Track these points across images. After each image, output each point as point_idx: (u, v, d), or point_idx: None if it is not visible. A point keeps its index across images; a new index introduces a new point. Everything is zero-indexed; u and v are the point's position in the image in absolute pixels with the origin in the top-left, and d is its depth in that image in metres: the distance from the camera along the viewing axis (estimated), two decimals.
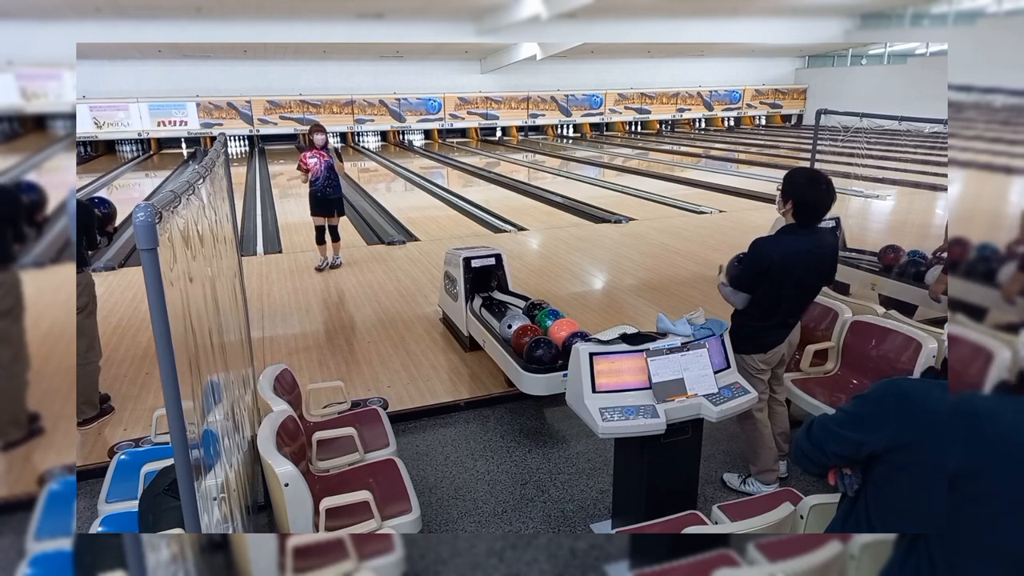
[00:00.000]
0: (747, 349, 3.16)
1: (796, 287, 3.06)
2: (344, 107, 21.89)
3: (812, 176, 3.01)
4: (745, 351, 3.16)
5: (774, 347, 3.19)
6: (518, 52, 20.20)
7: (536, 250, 8.30)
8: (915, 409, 1.44)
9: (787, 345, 3.26)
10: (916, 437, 1.43)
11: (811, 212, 2.99)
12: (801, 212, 2.99)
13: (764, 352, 3.18)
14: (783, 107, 26.92)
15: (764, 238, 3.11)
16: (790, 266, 2.98)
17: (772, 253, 2.99)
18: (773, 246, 3.03)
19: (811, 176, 3.01)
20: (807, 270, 3.03)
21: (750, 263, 3.07)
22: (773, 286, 3.02)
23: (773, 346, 3.18)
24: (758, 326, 3.16)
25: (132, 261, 7.55)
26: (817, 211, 2.98)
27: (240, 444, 2.62)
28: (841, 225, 5.57)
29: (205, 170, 2.40)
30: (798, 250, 2.99)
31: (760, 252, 3.04)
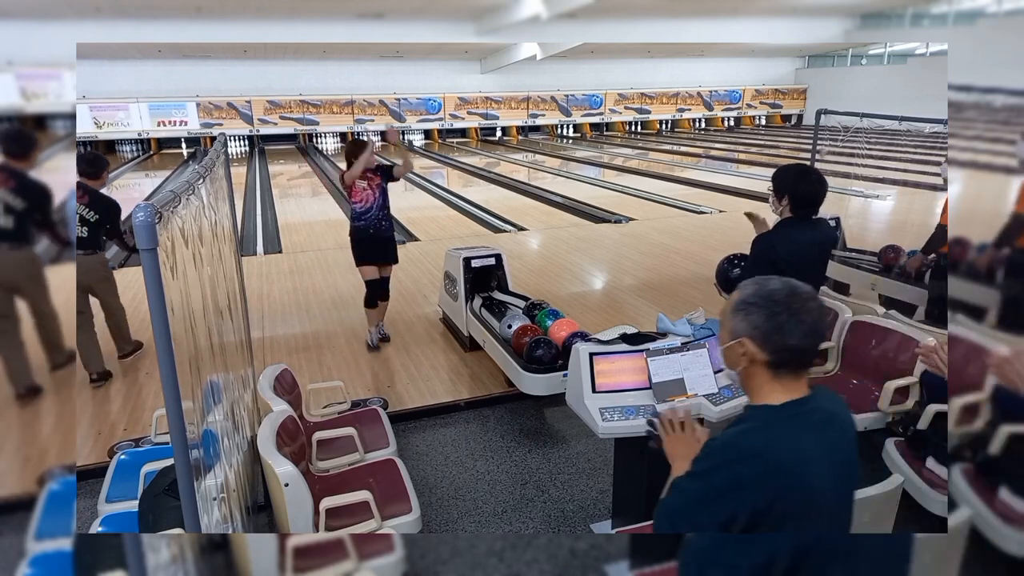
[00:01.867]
0: None
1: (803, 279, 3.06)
2: (344, 107, 21.90)
3: (801, 169, 3.09)
4: None
5: None
6: (518, 52, 20.19)
7: (536, 250, 8.30)
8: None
9: None
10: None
11: (808, 203, 3.04)
12: (798, 204, 3.05)
13: None
14: (783, 107, 26.91)
15: (765, 233, 3.14)
16: (796, 258, 3.00)
17: (776, 245, 3.03)
18: (776, 239, 3.07)
19: (800, 169, 3.09)
20: (813, 262, 3.06)
21: (757, 258, 3.10)
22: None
23: None
24: None
25: (132, 261, 7.55)
26: (814, 201, 3.04)
27: (240, 444, 2.62)
28: (841, 225, 5.57)
29: (205, 170, 2.40)
30: (802, 242, 3.03)
31: (764, 246, 3.08)
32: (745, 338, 1.41)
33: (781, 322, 1.36)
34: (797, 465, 1.32)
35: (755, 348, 1.39)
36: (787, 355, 1.38)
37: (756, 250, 3.10)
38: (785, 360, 1.39)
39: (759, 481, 1.31)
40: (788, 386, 1.41)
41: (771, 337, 1.37)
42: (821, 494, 1.35)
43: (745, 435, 1.39)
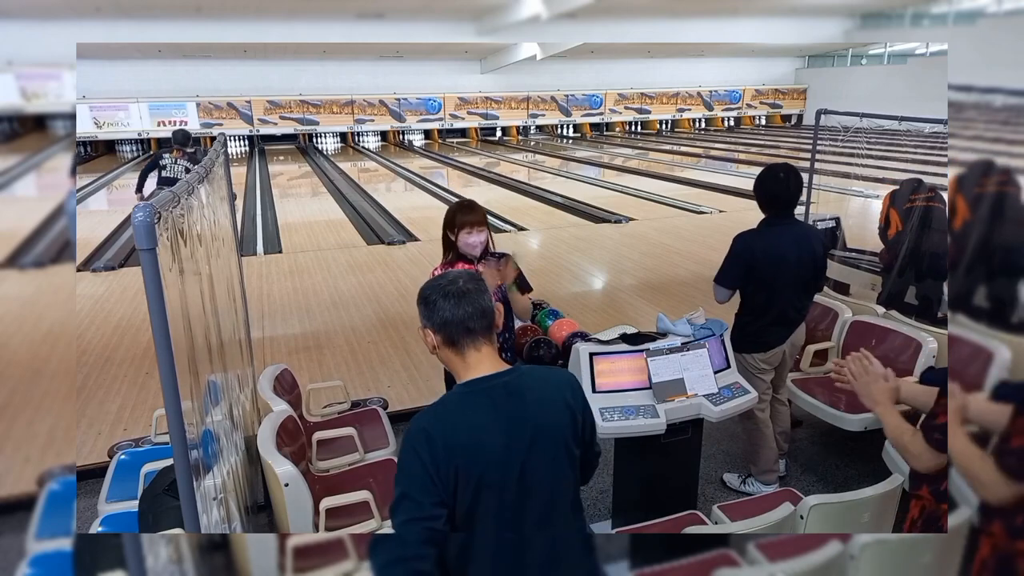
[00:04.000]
0: (746, 348, 3.17)
1: (786, 282, 3.08)
2: (344, 107, 21.89)
3: (770, 168, 3.11)
4: (745, 350, 3.17)
5: (774, 347, 3.19)
6: (518, 52, 20.19)
7: (536, 250, 8.30)
8: None
9: (789, 345, 3.26)
10: None
11: (777, 202, 3.06)
12: (768, 204, 3.09)
13: (764, 351, 3.18)
14: (783, 107, 26.91)
15: (744, 232, 3.16)
16: (775, 260, 3.02)
17: (753, 246, 3.05)
18: (753, 239, 3.09)
19: (769, 169, 3.11)
20: (796, 265, 3.05)
21: (733, 257, 3.12)
22: (762, 281, 3.05)
23: (773, 346, 3.18)
24: (755, 324, 3.17)
25: (132, 261, 7.55)
26: (781, 199, 3.06)
27: (240, 444, 2.62)
28: (841, 225, 5.57)
29: (205, 170, 2.40)
30: (780, 243, 3.03)
31: (740, 245, 3.10)
32: (422, 327, 1.58)
33: (433, 301, 1.53)
34: (468, 440, 1.45)
35: (430, 332, 1.55)
36: (449, 329, 1.52)
37: (733, 249, 3.13)
38: (451, 334, 1.52)
39: (436, 460, 1.42)
40: (473, 363, 1.53)
41: (432, 317, 1.54)
42: (505, 464, 1.46)
43: (417, 419, 1.50)
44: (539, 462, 1.50)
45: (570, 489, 1.58)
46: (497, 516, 1.46)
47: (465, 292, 1.52)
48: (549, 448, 1.52)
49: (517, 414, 1.49)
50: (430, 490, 1.41)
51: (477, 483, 1.43)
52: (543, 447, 1.50)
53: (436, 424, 1.47)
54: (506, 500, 1.46)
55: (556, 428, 1.53)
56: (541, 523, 1.50)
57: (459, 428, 1.46)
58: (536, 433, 1.50)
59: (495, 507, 1.46)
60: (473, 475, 1.43)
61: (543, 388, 1.56)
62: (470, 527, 1.46)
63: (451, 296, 1.52)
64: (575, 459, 1.58)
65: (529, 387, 1.54)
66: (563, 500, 1.56)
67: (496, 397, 1.50)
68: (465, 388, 1.52)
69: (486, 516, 1.45)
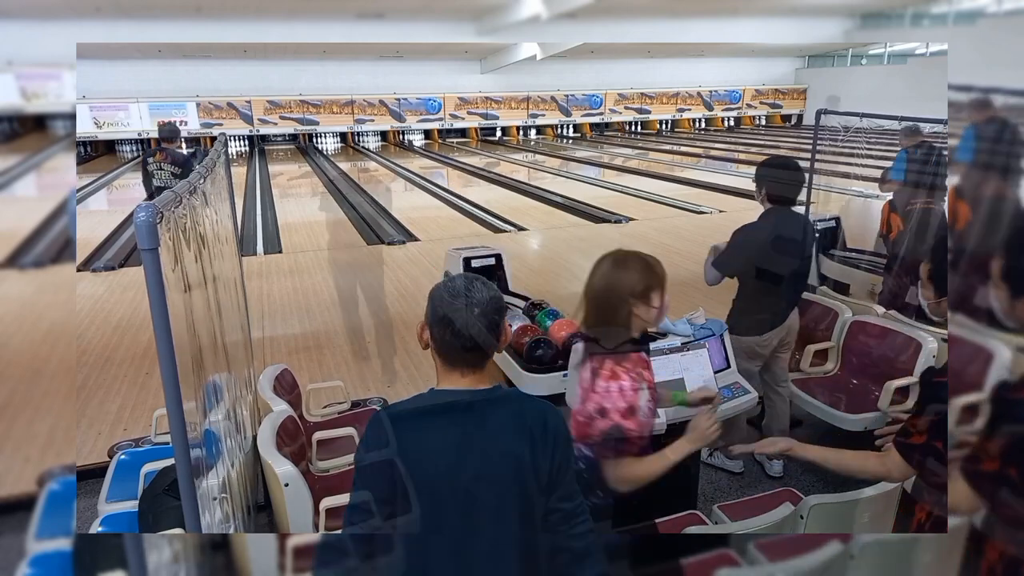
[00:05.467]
0: (742, 331, 3.23)
1: (782, 268, 3.15)
2: (344, 107, 21.88)
3: (776, 159, 3.27)
4: (740, 332, 3.23)
5: (770, 330, 3.25)
6: (518, 52, 20.19)
7: (536, 250, 8.31)
8: None
9: (786, 330, 3.31)
10: None
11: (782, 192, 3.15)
12: (773, 195, 3.18)
13: (759, 335, 3.25)
14: (783, 107, 26.91)
15: (746, 225, 3.22)
16: (777, 249, 3.10)
17: (755, 238, 3.14)
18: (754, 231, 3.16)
19: (775, 159, 3.27)
20: (789, 254, 3.14)
21: (735, 248, 3.19)
22: (759, 270, 3.15)
23: (769, 328, 3.25)
24: (751, 309, 3.24)
25: (132, 261, 7.55)
26: (787, 189, 3.15)
27: (241, 444, 2.62)
28: (841, 225, 5.57)
29: (206, 170, 2.40)
30: (781, 235, 3.11)
31: (743, 237, 3.18)
32: (422, 324, 1.53)
33: (440, 315, 1.46)
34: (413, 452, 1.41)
35: (429, 333, 1.51)
36: (443, 347, 1.48)
37: (734, 240, 3.20)
38: (442, 350, 1.49)
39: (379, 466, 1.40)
40: (451, 377, 1.50)
41: (432, 327, 1.49)
42: (445, 485, 1.42)
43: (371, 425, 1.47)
44: (486, 494, 1.43)
45: (514, 528, 1.46)
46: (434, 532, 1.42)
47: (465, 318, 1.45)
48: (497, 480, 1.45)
49: (469, 436, 1.44)
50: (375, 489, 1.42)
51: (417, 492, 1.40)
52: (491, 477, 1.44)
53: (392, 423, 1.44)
54: (446, 521, 1.42)
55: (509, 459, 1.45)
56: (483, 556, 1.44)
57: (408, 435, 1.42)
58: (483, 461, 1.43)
59: (433, 524, 1.42)
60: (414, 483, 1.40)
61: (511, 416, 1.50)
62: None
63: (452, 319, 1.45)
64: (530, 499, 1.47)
65: (494, 413, 1.48)
66: (506, 541, 1.46)
67: (455, 414, 1.45)
68: (431, 396, 1.50)
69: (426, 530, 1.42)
